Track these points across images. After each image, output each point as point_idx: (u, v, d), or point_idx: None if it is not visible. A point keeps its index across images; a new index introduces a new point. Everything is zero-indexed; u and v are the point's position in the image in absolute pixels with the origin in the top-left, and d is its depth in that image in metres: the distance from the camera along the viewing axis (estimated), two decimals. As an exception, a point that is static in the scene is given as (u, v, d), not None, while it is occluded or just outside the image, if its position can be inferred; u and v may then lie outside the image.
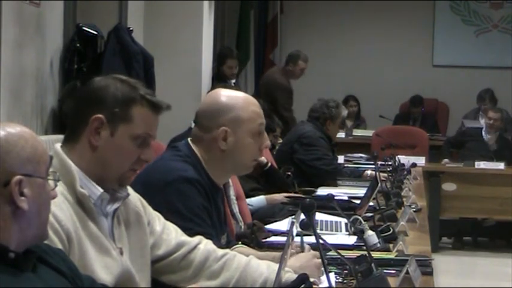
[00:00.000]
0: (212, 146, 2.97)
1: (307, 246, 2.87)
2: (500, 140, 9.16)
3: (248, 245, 3.26)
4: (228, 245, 3.03)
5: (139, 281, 2.42)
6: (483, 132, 9.17)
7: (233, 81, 9.03)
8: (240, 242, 3.25)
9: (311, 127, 6.53)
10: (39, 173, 1.90)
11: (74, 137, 2.36)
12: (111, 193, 2.36)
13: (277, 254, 2.77)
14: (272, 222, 4.05)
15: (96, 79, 2.42)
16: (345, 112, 6.73)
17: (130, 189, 2.46)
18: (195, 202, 2.88)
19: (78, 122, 2.36)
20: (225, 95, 3.02)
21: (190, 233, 2.69)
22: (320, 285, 2.67)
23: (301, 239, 2.85)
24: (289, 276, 2.48)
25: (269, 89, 9.34)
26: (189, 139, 3.07)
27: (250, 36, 11.29)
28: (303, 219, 2.26)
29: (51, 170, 1.95)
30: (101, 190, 2.33)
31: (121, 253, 2.37)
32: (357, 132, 10.38)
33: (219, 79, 8.81)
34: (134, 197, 2.52)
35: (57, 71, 6.40)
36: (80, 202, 2.30)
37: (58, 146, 2.38)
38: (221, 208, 3.08)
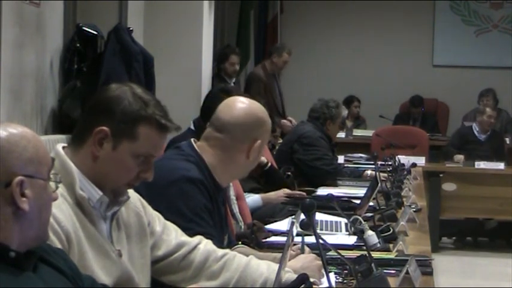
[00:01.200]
0: (236, 154, 3.02)
1: (307, 249, 2.87)
2: (493, 137, 9.17)
3: (248, 245, 3.26)
4: (229, 245, 3.03)
5: (139, 282, 2.42)
6: (475, 131, 9.20)
7: (233, 80, 9.02)
8: (240, 242, 3.25)
9: (311, 127, 6.53)
10: (41, 174, 1.89)
11: (79, 141, 2.36)
12: (110, 197, 2.36)
13: (278, 254, 2.77)
14: (272, 222, 4.05)
15: (113, 86, 2.40)
16: (345, 112, 6.72)
17: (130, 190, 2.46)
18: (197, 202, 2.88)
19: (85, 128, 2.36)
20: (260, 109, 3.10)
21: (192, 233, 2.69)
22: (320, 286, 2.67)
23: (302, 240, 2.85)
24: (289, 276, 2.48)
25: (247, 81, 9.54)
26: (192, 139, 3.08)
27: (250, 36, 11.28)
28: (303, 219, 2.26)
29: (52, 172, 1.95)
30: (101, 193, 2.33)
31: (120, 255, 2.37)
32: (357, 132, 10.38)
33: (219, 78, 8.81)
34: (134, 198, 2.52)
35: (57, 71, 6.39)
36: (79, 204, 2.30)
37: (59, 146, 2.37)
38: (222, 209, 3.09)
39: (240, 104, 3.09)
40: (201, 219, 2.84)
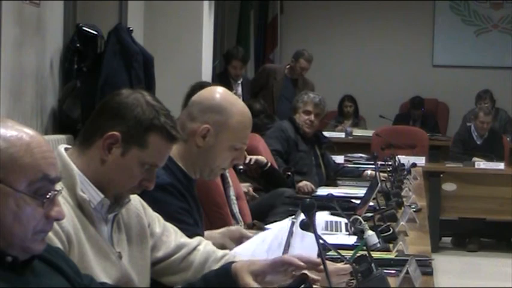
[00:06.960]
0: (190, 137, 2.92)
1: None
2: (490, 139, 9.16)
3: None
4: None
5: (139, 284, 2.41)
6: (473, 135, 9.19)
7: (239, 81, 9.02)
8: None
9: (286, 123, 6.42)
10: (9, 181, 1.77)
11: (87, 144, 2.35)
12: (111, 200, 2.36)
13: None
14: (272, 222, 4.05)
15: (125, 92, 2.38)
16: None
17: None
18: (172, 207, 2.84)
19: (94, 131, 2.34)
20: (225, 96, 2.97)
21: None
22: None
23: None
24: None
25: None
26: None
27: (250, 36, 11.29)
28: (303, 219, 2.25)
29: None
30: (102, 196, 2.33)
31: (120, 257, 2.37)
32: (357, 132, 10.38)
33: (226, 78, 8.84)
34: (135, 199, 2.51)
35: (57, 71, 6.40)
36: (80, 206, 2.29)
37: (62, 148, 2.37)
38: (197, 198, 3.04)
39: (214, 89, 3.03)
40: (181, 223, 2.78)
